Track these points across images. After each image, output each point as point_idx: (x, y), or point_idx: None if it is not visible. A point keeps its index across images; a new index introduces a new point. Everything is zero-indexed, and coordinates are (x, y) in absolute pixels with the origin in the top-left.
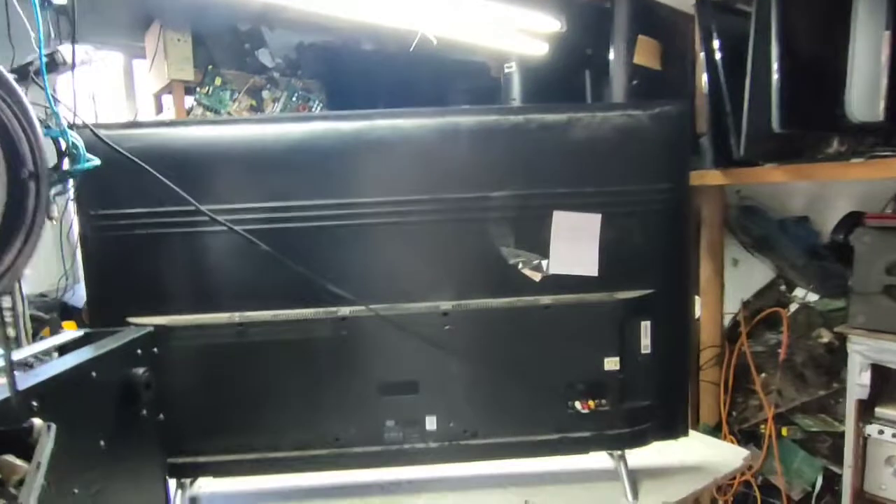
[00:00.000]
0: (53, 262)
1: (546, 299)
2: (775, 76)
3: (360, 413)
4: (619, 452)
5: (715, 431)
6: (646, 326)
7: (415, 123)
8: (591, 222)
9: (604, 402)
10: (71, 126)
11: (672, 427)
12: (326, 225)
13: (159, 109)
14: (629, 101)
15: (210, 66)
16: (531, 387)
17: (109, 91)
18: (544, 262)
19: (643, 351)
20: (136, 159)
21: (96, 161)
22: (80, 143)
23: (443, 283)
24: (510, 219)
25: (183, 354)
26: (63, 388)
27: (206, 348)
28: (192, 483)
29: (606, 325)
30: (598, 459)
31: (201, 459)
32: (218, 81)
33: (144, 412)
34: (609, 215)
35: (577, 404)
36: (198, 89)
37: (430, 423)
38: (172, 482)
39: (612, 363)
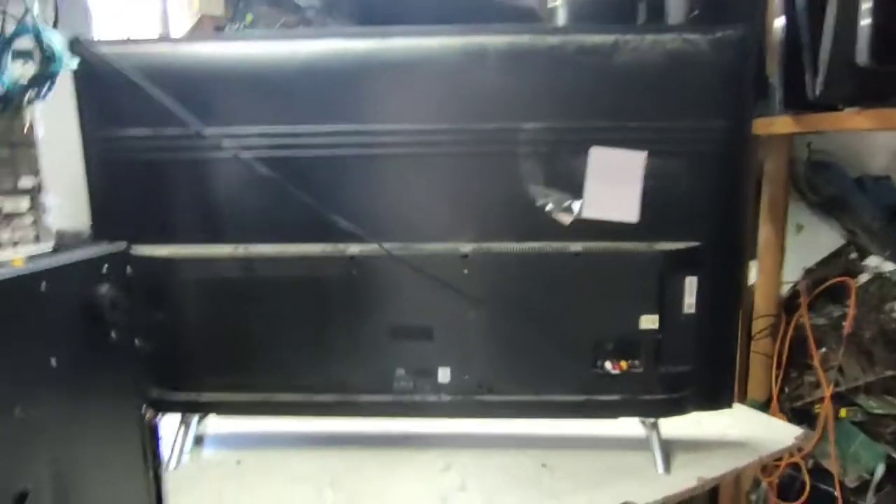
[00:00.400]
0: None
1: (576, 246)
2: None
3: (370, 359)
4: (653, 420)
5: (763, 408)
6: (690, 283)
7: (437, 43)
8: (634, 161)
9: (637, 363)
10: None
11: (715, 397)
12: (338, 154)
13: None
14: (686, 24)
15: (241, 2)
16: (556, 342)
17: (145, 29)
18: (576, 205)
19: (686, 310)
20: (131, 75)
21: (73, 64)
22: (58, 45)
23: (463, 223)
24: (541, 154)
25: (188, 288)
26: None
27: (212, 283)
28: (200, 420)
29: (645, 278)
30: (628, 426)
31: (205, 397)
32: (248, 18)
33: (113, 335)
34: (655, 154)
35: (607, 364)
36: (228, 26)
37: (444, 374)
38: (178, 418)
39: (648, 321)
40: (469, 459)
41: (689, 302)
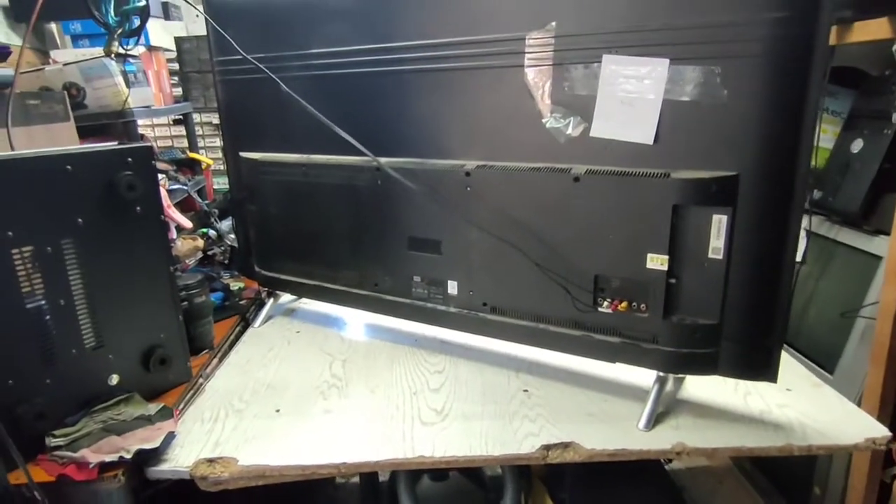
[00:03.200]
0: None
1: (578, 169)
2: None
3: (393, 263)
4: (661, 374)
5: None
6: (719, 222)
7: None
8: (653, 71)
9: (642, 307)
10: None
11: (751, 364)
12: (362, 72)
13: None
14: None
15: None
16: (556, 270)
17: None
18: (580, 124)
19: (711, 254)
20: (202, 12)
21: (141, 2)
22: None
23: (469, 140)
24: (548, 65)
25: (269, 187)
26: (31, 168)
27: (283, 184)
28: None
29: (653, 211)
30: (643, 375)
31: (281, 276)
32: None
33: (138, 209)
34: (682, 61)
35: (606, 302)
36: None
37: (452, 287)
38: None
39: (656, 261)
40: (462, 368)
41: (716, 245)
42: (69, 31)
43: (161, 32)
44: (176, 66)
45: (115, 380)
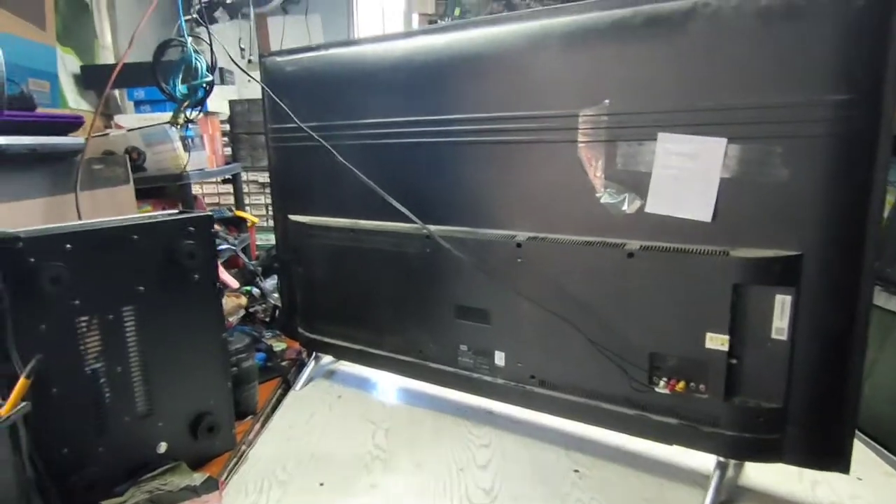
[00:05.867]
0: None
1: (633, 244)
2: None
3: (439, 331)
4: (722, 459)
5: None
6: (782, 302)
7: (504, 31)
8: (711, 150)
9: (701, 387)
10: (197, 51)
11: (820, 452)
12: (415, 142)
13: None
14: None
15: None
16: (609, 346)
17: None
18: (635, 200)
19: (774, 335)
20: (261, 83)
21: (209, 77)
22: (201, 65)
23: (521, 212)
24: (601, 142)
25: (317, 250)
26: (101, 238)
27: (332, 247)
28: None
29: (713, 289)
30: (701, 458)
31: (324, 338)
32: (457, 12)
33: (196, 277)
34: (739, 141)
35: (662, 381)
36: (439, 21)
37: (499, 358)
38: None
39: (716, 341)
40: (509, 443)
41: (780, 326)
42: (133, 97)
43: (217, 98)
44: (227, 126)
45: (163, 447)
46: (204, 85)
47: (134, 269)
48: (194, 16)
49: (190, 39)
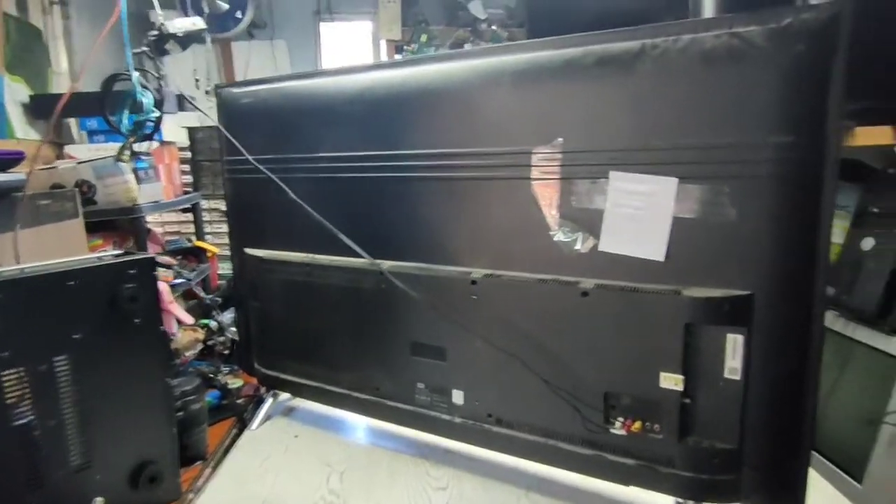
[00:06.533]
0: None
1: (587, 283)
2: None
3: (396, 368)
4: (680, 500)
5: None
6: (734, 341)
7: (458, 67)
8: (662, 189)
9: (656, 427)
10: (145, 87)
11: (776, 492)
12: (371, 177)
13: None
14: (736, 14)
15: (420, 23)
16: (565, 385)
17: (360, 56)
18: (588, 238)
19: (727, 374)
20: (210, 116)
21: (155, 113)
22: (147, 100)
23: (476, 249)
24: (555, 179)
25: (273, 285)
26: (34, 286)
27: (286, 281)
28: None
29: (666, 329)
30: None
31: (281, 375)
32: (424, 38)
33: (137, 320)
34: (691, 180)
35: (618, 421)
36: (405, 47)
37: (457, 396)
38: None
39: (670, 380)
40: (467, 485)
41: (732, 365)
42: (86, 126)
43: (174, 127)
44: (188, 154)
45: (98, 502)
46: (150, 121)
47: (70, 316)
48: (144, 49)
49: (137, 74)
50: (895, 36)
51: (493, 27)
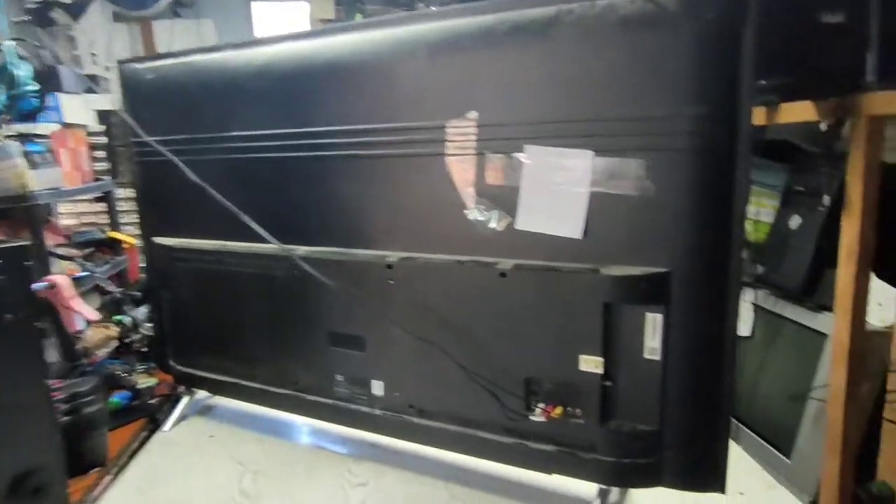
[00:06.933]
0: None
1: (505, 264)
2: None
3: (313, 360)
4: (603, 487)
5: None
6: (653, 321)
7: (369, 37)
8: (578, 163)
9: (578, 412)
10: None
11: (696, 474)
12: (281, 157)
13: None
14: None
15: (355, 2)
16: (485, 372)
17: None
18: (504, 217)
19: (647, 355)
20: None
21: (32, 86)
22: (22, 73)
23: (393, 230)
24: (470, 155)
25: (183, 273)
26: None
27: (198, 271)
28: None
29: (585, 309)
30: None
31: (196, 371)
32: (358, 17)
33: (8, 317)
34: (607, 153)
35: (539, 407)
36: None
37: (377, 387)
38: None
39: (590, 363)
40: (388, 479)
41: (652, 345)
42: None
43: (81, 109)
44: (104, 139)
45: None
46: (29, 95)
47: None
48: (24, 18)
49: (11, 43)
50: (816, 10)
51: (433, 8)
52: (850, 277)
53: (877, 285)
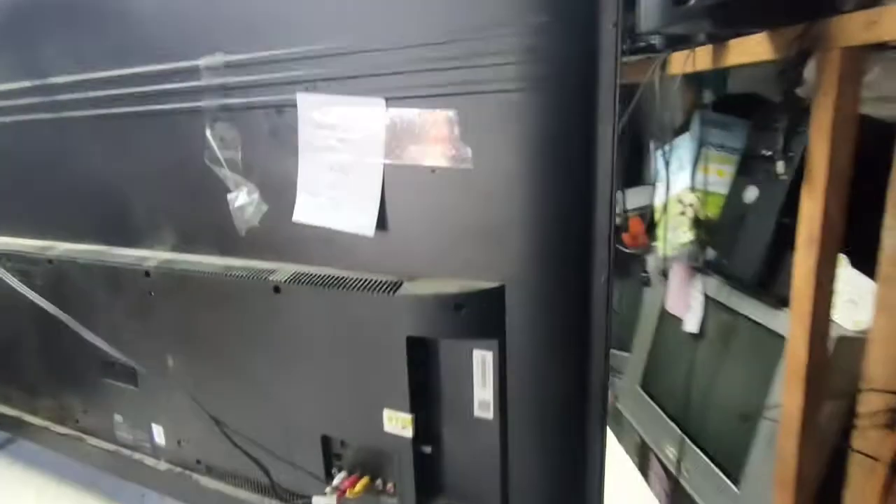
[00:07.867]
0: None
1: (283, 273)
2: None
3: (89, 394)
4: None
5: None
6: (482, 361)
7: None
8: (366, 117)
9: (388, 487)
10: None
11: None
12: (17, 121)
13: None
14: None
15: None
16: (276, 424)
17: None
18: (277, 202)
19: (478, 412)
20: None
21: None
22: None
23: (155, 223)
24: (226, 111)
25: None
26: None
27: None
28: None
29: (381, 342)
30: None
31: None
32: None
33: None
34: (406, 101)
35: (336, 478)
36: None
37: (158, 433)
38: None
39: (396, 422)
40: None
41: (483, 398)
42: None
43: None
44: None
45: None
46: None
47: None
48: None
49: None
50: None
51: None
52: (810, 269)
53: (850, 276)
